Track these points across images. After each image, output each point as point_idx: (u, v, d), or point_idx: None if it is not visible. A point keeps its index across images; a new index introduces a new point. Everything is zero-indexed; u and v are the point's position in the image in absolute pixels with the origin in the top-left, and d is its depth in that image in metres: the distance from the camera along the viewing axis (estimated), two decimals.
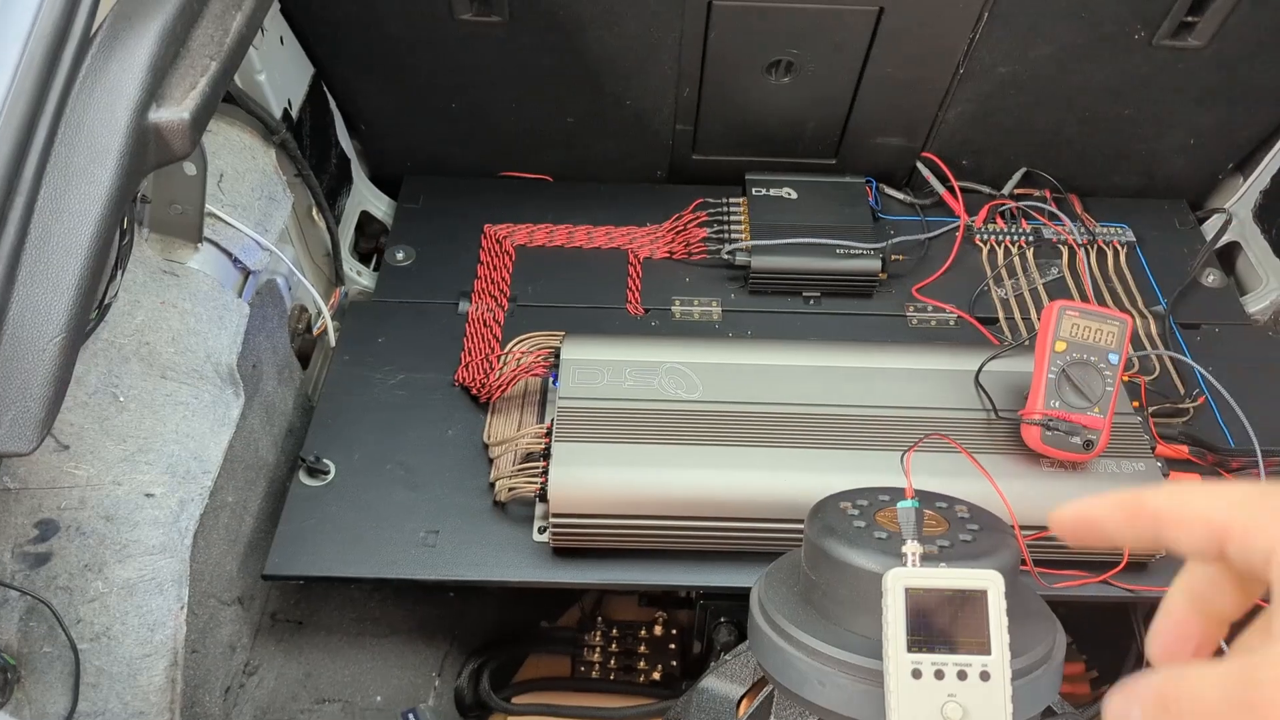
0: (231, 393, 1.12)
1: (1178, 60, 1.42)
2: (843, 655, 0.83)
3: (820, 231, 1.48)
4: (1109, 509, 0.43)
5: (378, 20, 1.38)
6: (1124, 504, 0.43)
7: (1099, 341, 1.16)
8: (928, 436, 1.11)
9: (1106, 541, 0.44)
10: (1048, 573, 1.14)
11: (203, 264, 1.16)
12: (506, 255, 1.51)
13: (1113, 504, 0.43)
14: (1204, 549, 0.40)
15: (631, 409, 1.19)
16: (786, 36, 1.40)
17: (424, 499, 1.20)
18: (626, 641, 1.38)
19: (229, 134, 1.24)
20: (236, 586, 1.13)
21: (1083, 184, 1.63)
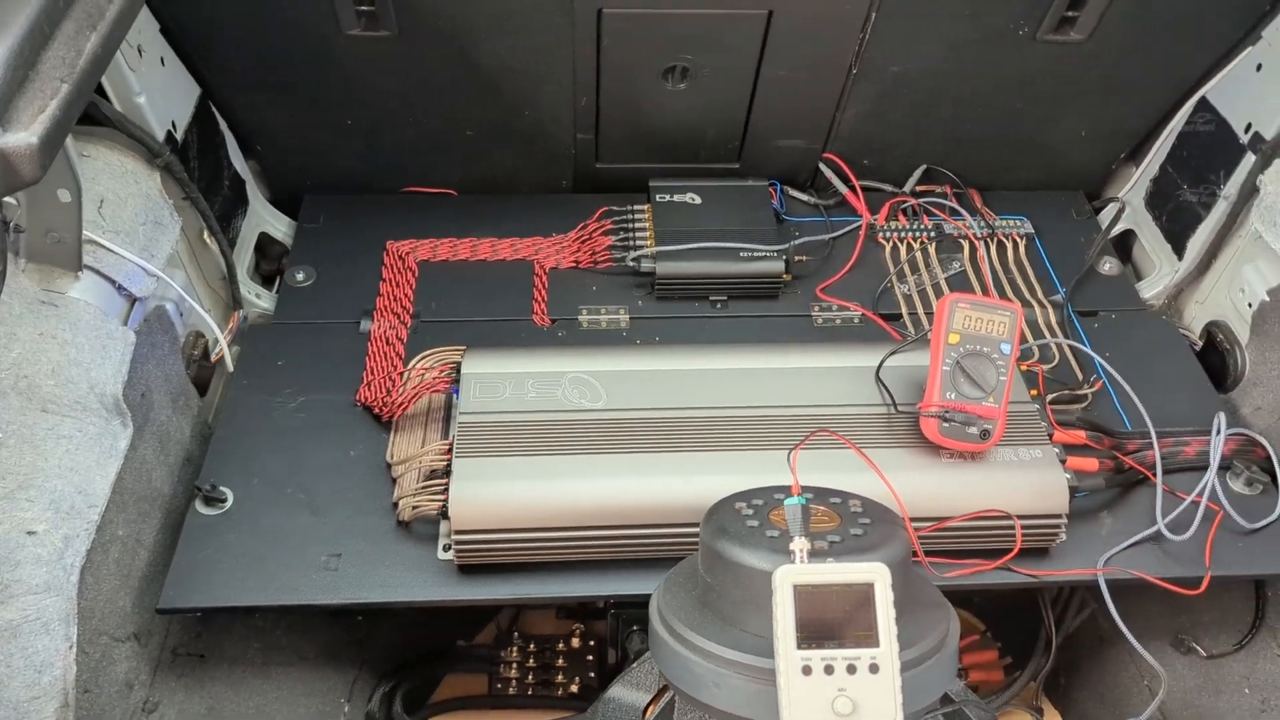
0: (119, 423, 1.09)
1: (1062, 55, 1.44)
2: (736, 656, 0.83)
3: (724, 235, 1.49)
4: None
5: (264, 39, 1.36)
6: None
7: (991, 332, 1.18)
8: (814, 434, 1.12)
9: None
10: (942, 562, 1.15)
11: (84, 293, 1.12)
12: (409, 271, 1.49)
13: None
14: None
15: (534, 421, 1.18)
16: (679, 42, 1.41)
17: (325, 522, 1.18)
18: (544, 656, 1.37)
19: (108, 158, 1.21)
20: (131, 622, 1.10)
21: (982, 179, 1.65)
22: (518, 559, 1.14)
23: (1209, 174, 1.48)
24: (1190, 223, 1.52)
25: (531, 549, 1.13)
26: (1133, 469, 1.25)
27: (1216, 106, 1.47)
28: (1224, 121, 1.46)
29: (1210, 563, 1.18)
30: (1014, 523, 1.13)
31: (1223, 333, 1.46)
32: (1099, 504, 1.25)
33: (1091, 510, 1.24)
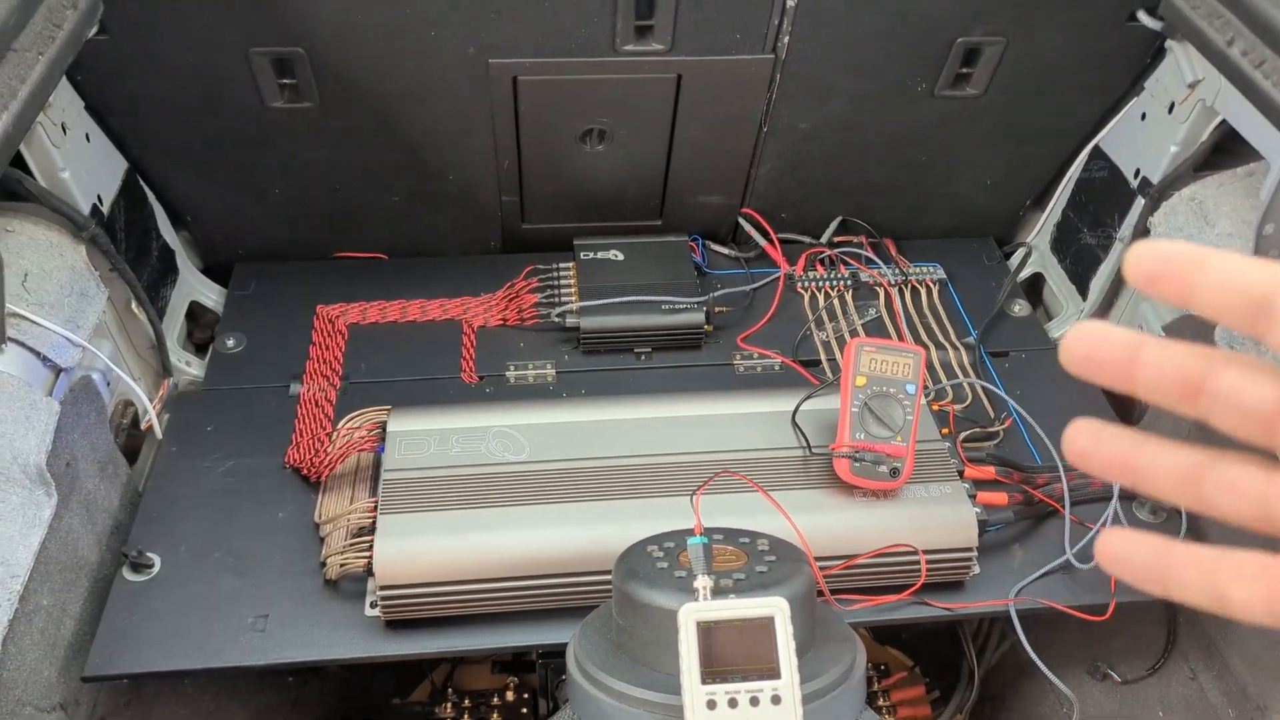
0: (42, 493, 1.10)
1: (961, 109, 1.52)
2: (646, 695, 0.86)
3: (646, 289, 1.53)
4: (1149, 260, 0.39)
5: (189, 115, 1.40)
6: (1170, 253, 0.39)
7: (896, 374, 1.22)
8: (717, 476, 1.15)
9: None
10: (855, 599, 1.18)
11: (7, 365, 1.14)
12: (339, 335, 1.52)
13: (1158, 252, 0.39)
14: (1245, 304, 0.37)
15: (458, 476, 1.21)
16: (594, 106, 1.46)
17: (253, 584, 1.19)
18: (479, 710, 1.38)
19: (33, 232, 1.23)
20: (57, 692, 1.10)
21: (896, 228, 1.72)
22: (443, 612, 1.16)
23: (1105, 218, 1.56)
24: (1091, 264, 1.59)
25: (456, 602, 1.15)
26: (1042, 502, 1.30)
27: (1108, 154, 1.55)
28: (1115, 168, 1.53)
29: (1115, 589, 1.22)
30: (919, 556, 1.17)
31: None
32: (1010, 537, 1.29)
33: (1004, 543, 1.28)
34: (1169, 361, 0.38)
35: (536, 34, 1.34)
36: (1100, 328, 0.39)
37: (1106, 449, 0.40)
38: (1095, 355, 0.39)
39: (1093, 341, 0.39)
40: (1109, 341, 0.39)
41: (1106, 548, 0.41)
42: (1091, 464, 0.40)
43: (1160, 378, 0.38)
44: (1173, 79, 1.41)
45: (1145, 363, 0.38)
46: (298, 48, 1.32)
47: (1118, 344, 0.39)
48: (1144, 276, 0.38)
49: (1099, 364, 0.39)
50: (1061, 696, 1.36)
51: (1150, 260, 0.38)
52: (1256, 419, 0.36)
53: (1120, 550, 0.41)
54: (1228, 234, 1.33)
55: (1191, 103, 1.38)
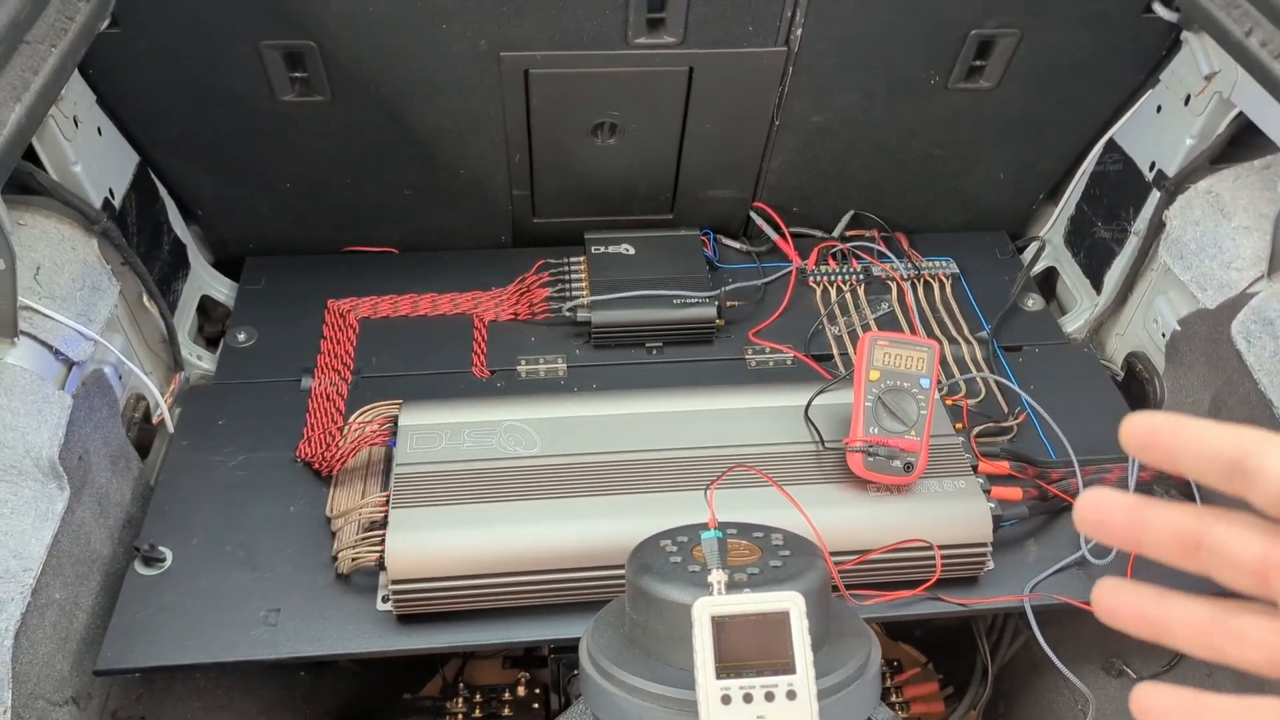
0: (55, 487, 1.10)
1: (974, 101, 1.51)
2: (660, 690, 0.85)
3: (657, 284, 1.53)
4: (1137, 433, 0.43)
5: (200, 109, 1.40)
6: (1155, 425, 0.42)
7: (910, 368, 1.22)
8: (731, 470, 1.15)
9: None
10: (870, 594, 1.18)
11: (19, 358, 1.14)
12: (350, 329, 1.52)
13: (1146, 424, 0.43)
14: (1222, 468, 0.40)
15: (470, 470, 1.21)
16: (605, 100, 1.46)
17: (264, 578, 1.19)
18: (490, 705, 1.38)
19: (45, 226, 1.23)
20: (70, 686, 1.10)
21: (908, 222, 1.71)
22: (455, 607, 1.15)
23: (1120, 211, 1.55)
24: (1106, 258, 1.58)
25: (468, 596, 1.15)
26: (1057, 497, 1.29)
27: (1123, 147, 1.54)
28: (1130, 161, 1.52)
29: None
30: (934, 551, 1.16)
31: (1141, 363, 1.51)
32: (1025, 532, 1.28)
33: (1018, 539, 1.28)
34: (1168, 524, 0.42)
35: (548, 27, 1.33)
36: (1105, 495, 0.43)
37: (1129, 605, 0.44)
38: (1103, 519, 0.43)
39: (1100, 508, 0.43)
40: (1115, 507, 0.43)
41: (1104, 600, 0.44)
42: (1118, 620, 0.44)
43: (1161, 537, 0.42)
44: (1189, 71, 1.39)
45: (1147, 524, 0.42)
46: (309, 41, 1.32)
47: (1122, 509, 0.43)
48: (1137, 447, 0.42)
49: (1107, 527, 0.43)
50: (1077, 693, 1.35)
51: (1141, 432, 0.42)
52: (1248, 571, 0.39)
53: (1116, 602, 0.44)
54: (1245, 227, 1.32)
55: (1208, 95, 1.37)
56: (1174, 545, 0.42)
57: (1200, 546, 0.41)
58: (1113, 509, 0.43)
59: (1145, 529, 0.42)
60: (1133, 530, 0.42)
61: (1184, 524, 0.41)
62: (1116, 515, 0.43)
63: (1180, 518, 0.41)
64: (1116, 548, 0.44)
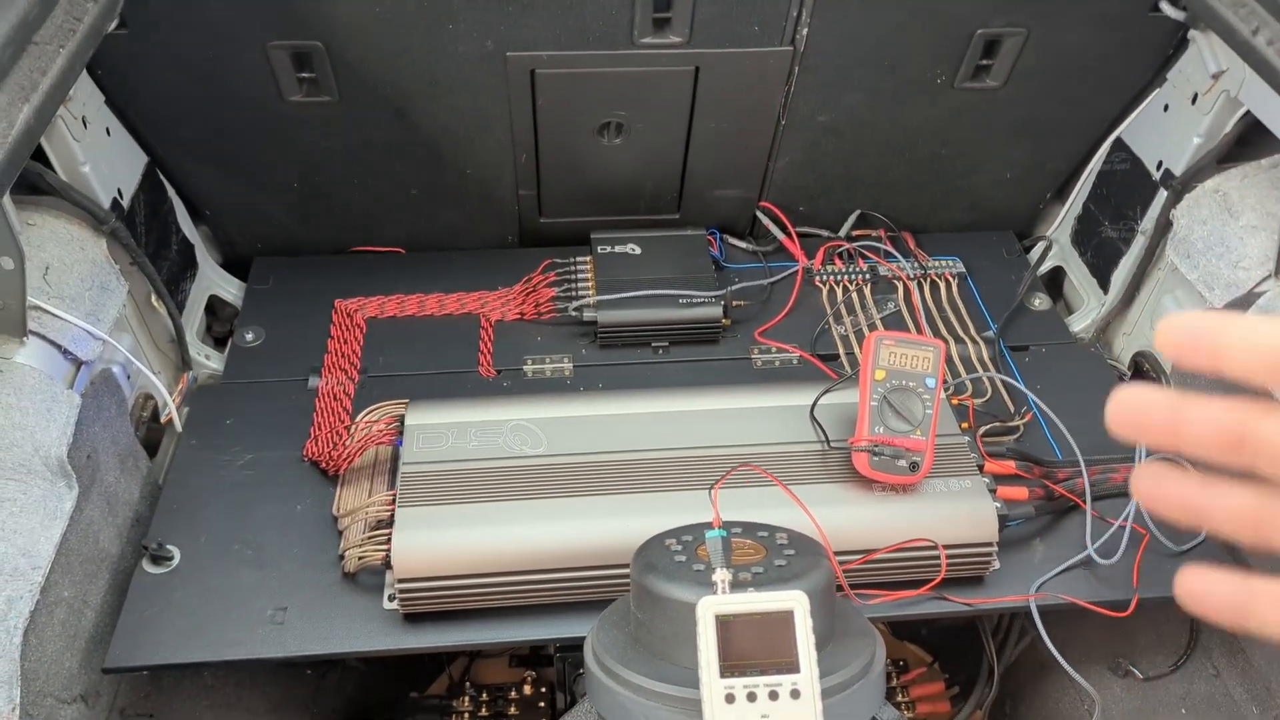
0: (63, 486, 1.11)
1: (980, 100, 1.51)
2: (664, 689, 0.85)
3: (663, 283, 1.53)
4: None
5: (208, 109, 1.40)
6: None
7: (916, 367, 1.22)
8: (736, 469, 1.15)
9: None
10: (875, 594, 1.17)
11: (29, 358, 1.15)
12: (357, 329, 1.52)
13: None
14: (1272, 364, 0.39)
15: (476, 469, 1.21)
16: (612, 99, 1.46)
17: (271, 577, 1.20)
18: (497, 704, 1.38)
19: (54, 226, 1.24)
20: (78, 684, 1.10)
21: (915, 221, 1.71)
22: (461, 605, 1.16)
23: (1127, 210, 1.54)
24: (1113, 258, 1.58)
25: (474, 595, 1.15)
26: (1063, 497, 1.29)
27: (1130, 146, 1.54)
28: (1138, 160, 1.52)
29: (1138, 584, 1.21)
30: (939, 551, 1.16)
31: (1149, 362, 1.51)
32: (1031, 532, 1.28)
33: (1024, 539, 1.27)
34: (1210, 419, 0.40)
35: (554, 27, 1.34)
36: (1142, 393, 0.41)
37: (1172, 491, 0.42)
38: (1140, 420, 0.41)
39: (1137, 407, 0.41)
40: (1152, 405, 0.41)
41: (1187, 586, 0.42)
42: (1160, 505, 0.43)
43: (1204, 435, 0.40)
44: (1196, 69, 1.39)
45: (1188, 422, 0.40)
46: (316, 42, 1.32)
47: (1161, 407, 0.41)
48: (1174, 348, 0.41)
49: (1144, 428, 0.41)
50: (1082, 693, 1.35)
51: (1179, 332, 0.40)
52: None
53: (1200, 588, 0.42)
54: (1252, 226, 1.32)
55: (1215, 94, 1.36)
56: (1216, 441, 0.40)
57: (1244, 442, 0.39)
58: (1151, 405, 0.41)
59: (1186, 425, 0.40)
60: (1173, 427, 0.40)
61: (1227, 419, 0.40)
62: (1155, 412, 0.41)
63: (1222, 413, 0.40)
64: (1156, 448, 0.41)
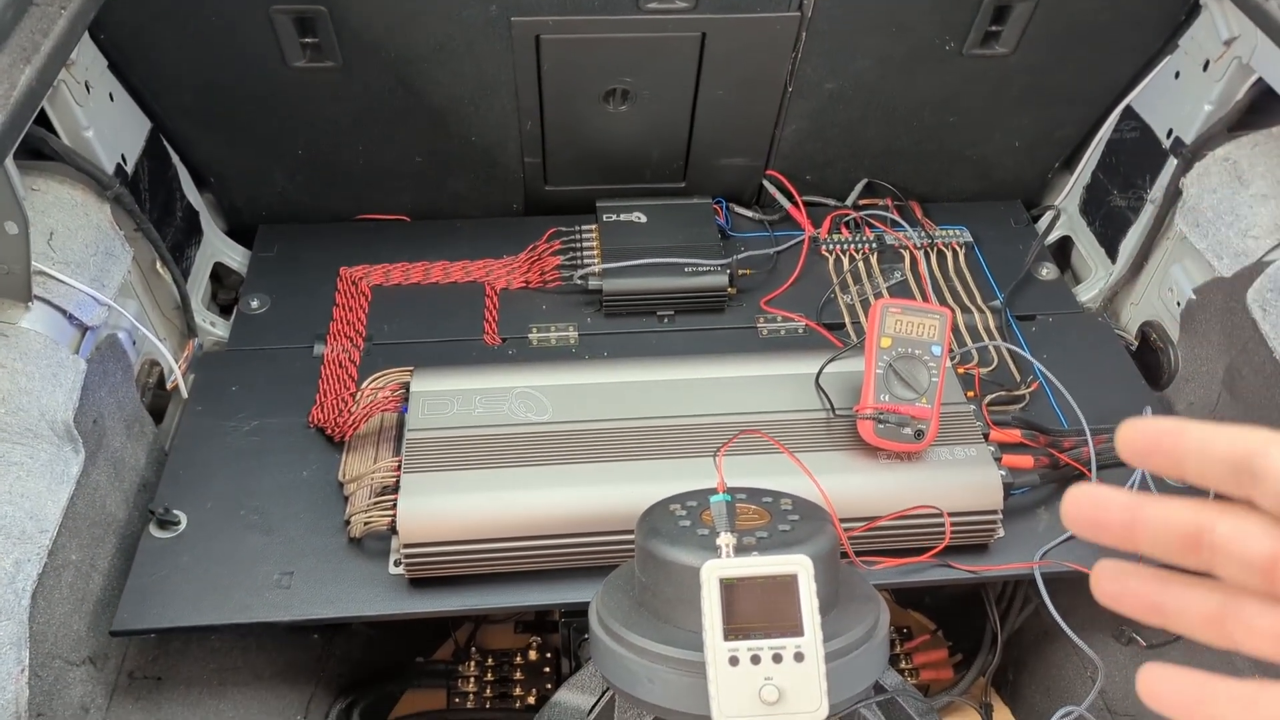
0: (70, 450, 1.11)
1: (989, 68, 1.49)
2: (668, 651, 0.86)
3: (669, 252, 1.52)
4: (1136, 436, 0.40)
5: (211, 74, 1.39)
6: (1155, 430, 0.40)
7: (922, 335, 1.21)
8: (740, 435, 1.15)
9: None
10: (879, 561, 1.18)
11: (34, 323, 1.15)
12: (362, 296, 1.52)
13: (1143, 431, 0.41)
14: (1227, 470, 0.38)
15: (481, 435, 1.21)
16: (618, 66, 1.45)
17: (278, 542, 1.20)
18: (502, 669, 1.39)
19: (58, 191, 1.24)
20: (86, 646, 1.11)
21: (922, 190, 1.70)
22: (466, 571, 1.16)
23: (1136, 179, 1.53)
24: (1121, 227, 1.57)
25: (479, 561, 1.15)
26: (1068, 465, 1.29)
27: (1140, 114, 1.53)
28: (1148, 128, 1.51)
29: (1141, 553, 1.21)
30: (944, 518, 1.16)
31: (1156, 332, 1.50)
32: (1036, 500, 1.28)
33: (1029, 507, 1.27)
34: (1167, 520, 0.39)
35: None
36: (1098, 492, 0.41)
37: (1133, 591, 0.42)
38: (1096, 519, 0.41)
39: (1093, 505, 0.41)
40: (1109, 505, 0.40)
41: (1104, 584, 0.42)
42: (1122, 605, 0.42)
43: (1161, 536, 0.39)
44: (1208, 35, 1.37)
45: (1145, 523, 0.40)
46: (320, 6, 1.31)
47: (1116, 507, 0.40)
48: (1135, 454, 0.40)
49: (1101, 527, 0.41)
50: (1086, 660, 1.35)
51: (1139, 438, 0.40)
52: (1255, 568, 0.37)
53: (1119, 589, 0.42)
54: (1262, 195, 1.31)
55: (1227, 60, 1.35)
56: (1174, 544, 0.39)
57: (1201, 544, 0.39)
58: (1107, 504, 0.40)
59: (1142, 525, 0.40)
60: (1130, 530, 0.40)
61: (1184, 520, 0.39)
62: (1111, 512, 0.40)
63: (1180, 514, 0.39)
64: (1112, 547, 0.41)
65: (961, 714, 1.41)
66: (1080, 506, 0.41)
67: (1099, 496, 0.41)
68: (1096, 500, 0.41)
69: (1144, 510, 0.40)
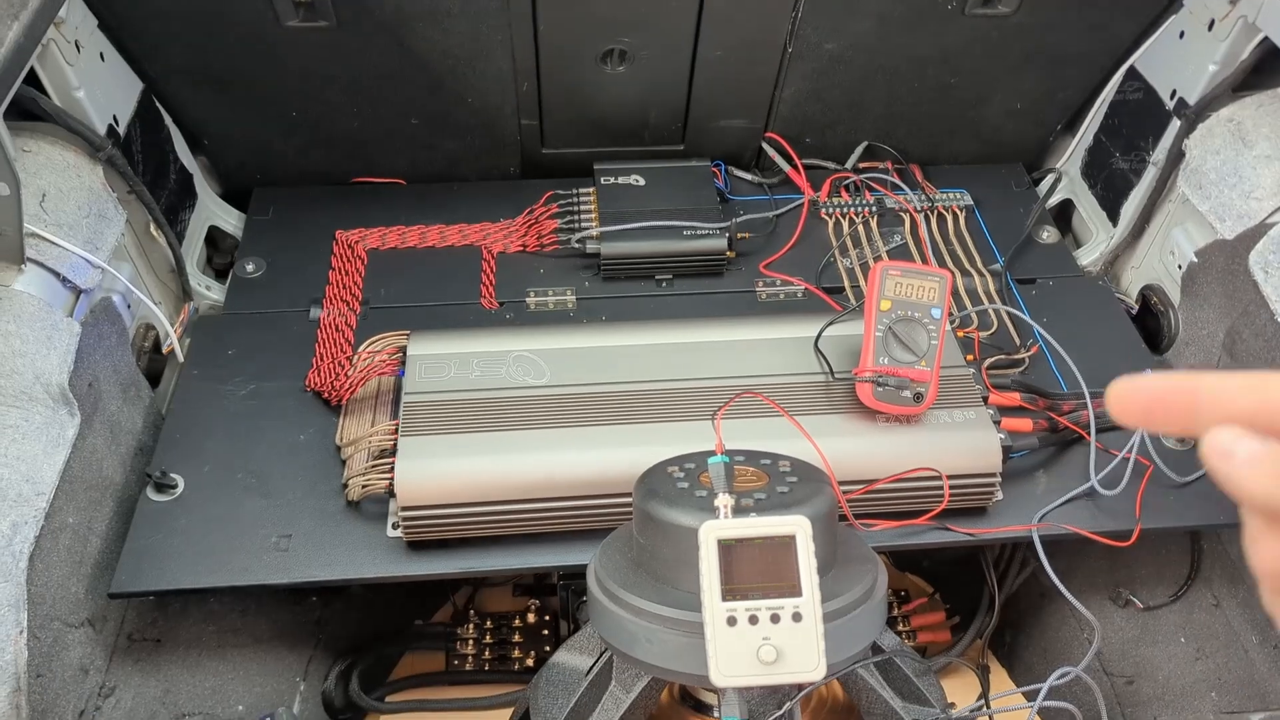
0: (65, 413, 1.11)
1: (991, 28, 1.47)
2: (666, 612, 0.86)
3: (667, 215, 1.51)
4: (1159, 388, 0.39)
5: (203, 34, 1.37)
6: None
7: (922, 298, 1.21)
8: (738, 396, 1.14)
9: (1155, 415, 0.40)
10: (878, 524, 1.18)
11: (27, 285, 1.14)
12: (359, 260, 1.51)
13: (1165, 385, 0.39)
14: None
15: (478, 399, 1.21)
16: (615, 25, 1.43)
17: (276, 505, 1.20)
18: (501, 632, 1.39)
19: (50, 153, 1.22)
20: (85, 608, 1.11)
21: (923, 154, 1.69)
22: (464, 534, 1.16)
23: (1139, 141, 1.52)
24: (1123, 190, 1.56)
25: (477, 524, 1.15)
26: (1067, 429, 1.28)
27: (1144, 74, 1.51)
28: (1151, 89, 1.49)
29: (1140, 515, 1.21)
30: (943, 480, 1.16)
31: (1157, 296, 1.50)
32: (1035, 464, 1.28)
33: (1028, 470, 1.27)
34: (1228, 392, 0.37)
35: None
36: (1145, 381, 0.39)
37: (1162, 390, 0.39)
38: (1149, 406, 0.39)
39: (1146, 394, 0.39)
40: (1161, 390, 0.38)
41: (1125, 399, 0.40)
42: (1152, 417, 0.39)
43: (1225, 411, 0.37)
44: None
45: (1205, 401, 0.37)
46: None
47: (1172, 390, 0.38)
48: (1137, 414, 0.39)
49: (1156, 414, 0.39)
50: (1083, 622, 1.36)
51: (1139, 395, 0.38)
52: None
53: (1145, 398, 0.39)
54: (1266, 156, 1.29)
55: (1232, 19, 1.33)
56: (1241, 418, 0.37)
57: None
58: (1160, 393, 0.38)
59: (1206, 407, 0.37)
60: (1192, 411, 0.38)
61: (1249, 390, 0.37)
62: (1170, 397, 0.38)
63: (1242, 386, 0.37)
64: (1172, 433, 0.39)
65: (959, 675, 1.42)
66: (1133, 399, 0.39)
67: (1149, 385, 0.39)
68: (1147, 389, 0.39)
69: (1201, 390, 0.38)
